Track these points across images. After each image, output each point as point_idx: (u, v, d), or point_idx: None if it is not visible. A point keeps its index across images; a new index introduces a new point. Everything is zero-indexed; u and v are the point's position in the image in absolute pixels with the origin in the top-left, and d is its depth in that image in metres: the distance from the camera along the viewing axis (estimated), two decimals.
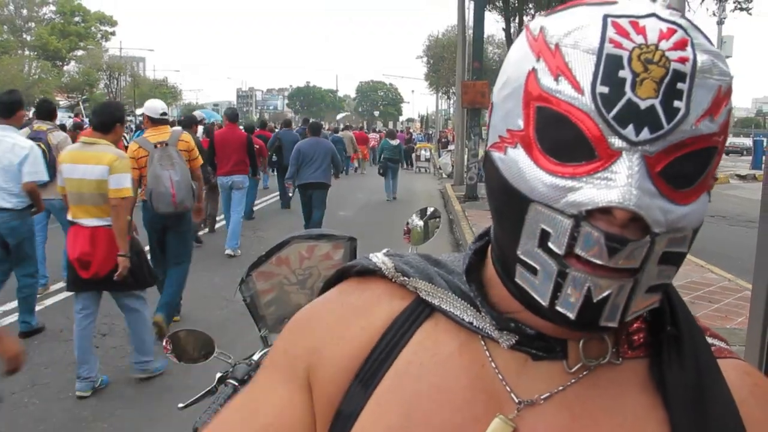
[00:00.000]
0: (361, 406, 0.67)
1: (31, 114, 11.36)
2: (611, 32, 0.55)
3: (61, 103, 51.94)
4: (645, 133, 0.54)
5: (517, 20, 23.20)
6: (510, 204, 0.60)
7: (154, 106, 5.93)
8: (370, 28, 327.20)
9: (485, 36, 16.81)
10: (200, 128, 9.15)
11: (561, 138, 0.56)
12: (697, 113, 0.55)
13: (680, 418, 0.62)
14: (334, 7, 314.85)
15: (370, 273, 0.76)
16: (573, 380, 0.65)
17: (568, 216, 0.55)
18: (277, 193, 14.46)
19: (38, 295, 5.95)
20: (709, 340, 0.70)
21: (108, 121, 4.49)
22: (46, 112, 6.73)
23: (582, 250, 0.55)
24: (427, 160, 28.25)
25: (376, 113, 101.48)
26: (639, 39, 0.55)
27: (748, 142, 45.45)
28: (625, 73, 0.54)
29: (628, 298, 0.57)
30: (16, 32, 52.01)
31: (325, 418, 0.70)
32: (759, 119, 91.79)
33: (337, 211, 13.20)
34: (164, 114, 6.04)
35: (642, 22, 0.56)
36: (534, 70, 0.58)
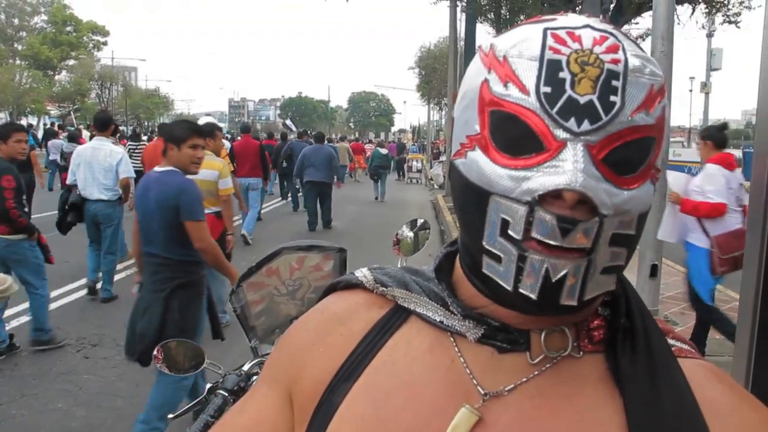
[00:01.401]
0: (339, 402, 0.73)
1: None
2: (551, 41, 0.62)
3: (51, 112, 51.83)
4: (586, 125, 0.59)
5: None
6: (473, 200, 0.66)
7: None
8: (362, 39, 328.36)
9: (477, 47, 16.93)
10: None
11: (512, 135, 0.62)
12: (633, 106, 0.61)
13: (634, 404, 0.65)
14: (327, 18, 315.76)
15: (354, 286, 0.83)
16: (536, 372, 0.69)
17: (523, 203, 0.61)
18: (279, 198, 16.20)
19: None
20: (671, 341, 0.74)
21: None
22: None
23: (537, 233, 0.60)
24: (419, 170, 28.31)
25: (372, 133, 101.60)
26: (575, 45, 0.61)
27: (738, 153, 45.70)
28: (564, 74, 0.60)
29: (584, 277, 0.62)
30: (7, 41, 51.90)
31: (306, 416, 0.75)
32: (748, 131, 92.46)
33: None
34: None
35: (578, 32, 0.63)
36: (486, 81, 0.65)
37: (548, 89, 0.60)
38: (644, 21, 16.75)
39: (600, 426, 0.66)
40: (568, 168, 0.59)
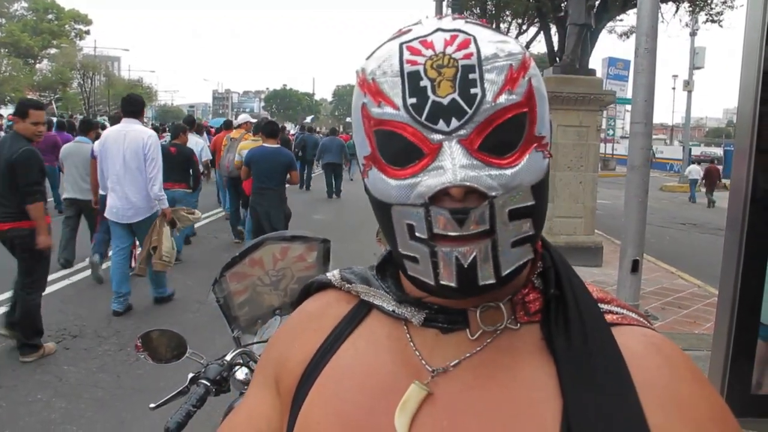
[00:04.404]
0: (309, 388, 0.81)
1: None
2: (407, 55, 0.67)
3: None
4: (454, 122, 0.65)
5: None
6: (381, 213, 0.73)
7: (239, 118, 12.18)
8: (348, 32, 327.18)
9: None
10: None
11: (395, 149, 0.69)
12: (494, 91, 0.66)
13: (566, 371, 0.70)
14: (312, 11, 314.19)
15: (326, 286, 0.93)
16: (478, 348, 0.75)
17: (419, 206, 0.67)
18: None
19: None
20: (614, 308, 0.79)
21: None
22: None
23: (438, 228, 0.66)
24: None
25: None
26: (429, 52, 0.66)
27: (719, 151, 46.13)
28: (425, 82, 0.66)
29: (493, 256, 0.67)
30: None
31: (289, 404, 0.84)
32: (729, 129, 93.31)
33: (312, 214, 13.21)
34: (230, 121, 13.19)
35: (429, 38, 0.68)
36: (364, 104, 0.71)
37: (414, 100, 0.66)
38: (629, 18, 16.84)
39: (537, 392, 0.71)
40: (447, 167, 0.65)
